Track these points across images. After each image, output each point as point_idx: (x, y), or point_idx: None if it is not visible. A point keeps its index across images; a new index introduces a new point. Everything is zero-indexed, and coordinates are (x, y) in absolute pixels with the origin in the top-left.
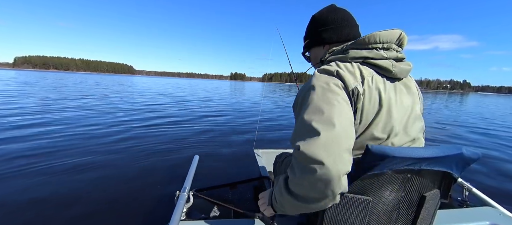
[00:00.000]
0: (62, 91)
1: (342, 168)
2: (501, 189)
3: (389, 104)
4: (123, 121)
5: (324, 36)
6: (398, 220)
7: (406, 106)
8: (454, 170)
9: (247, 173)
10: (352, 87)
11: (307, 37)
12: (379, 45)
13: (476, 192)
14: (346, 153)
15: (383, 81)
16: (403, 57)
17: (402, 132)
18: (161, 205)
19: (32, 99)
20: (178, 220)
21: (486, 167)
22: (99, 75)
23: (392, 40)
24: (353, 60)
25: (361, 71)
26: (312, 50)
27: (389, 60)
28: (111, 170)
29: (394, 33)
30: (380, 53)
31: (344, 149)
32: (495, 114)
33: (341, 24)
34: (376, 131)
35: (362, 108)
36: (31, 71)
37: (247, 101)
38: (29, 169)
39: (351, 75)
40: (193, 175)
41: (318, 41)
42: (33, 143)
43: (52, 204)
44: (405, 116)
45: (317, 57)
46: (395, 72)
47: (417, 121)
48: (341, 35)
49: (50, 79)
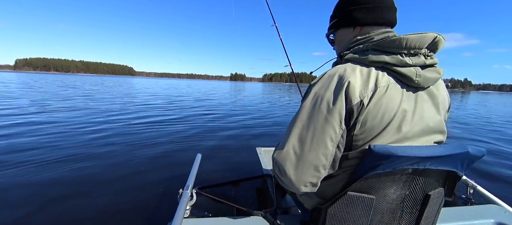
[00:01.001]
0: (67, 93)
1: (305, 180)
2: (507, 187)
3: (403, 117)
4: (125, 120)
5: (357, 16)
6: (402, 219)
7: (426, 118)
8: (459, 169)
9: (249, 171)
10: (357, 101)
11: (335, 15)
12: (405, 50)
13: (480, 190)
14: (311, 169)
15: (401, 92)
16: (434, 63)
17: (413, 143)
18: (165, 203)
19: (25, 100)
20: (181, 217)
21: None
22: (99, 76)
23: (422, 46)
24: (372, 64)
25: (376, 79)
26: (339, 32)
27: (413, 68)
28: (115, 170)
29: (427, 37)
30: (404, 59)
31: (311, 165)
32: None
33: (378, 4)
34: (391, 140)
35: (365, 122)
36: (32, 73)
37: (249, 100)
38: (30, 166)
39: (362, 86)
40: (196, 173)
41: (348, 21)
42: (34, 140)
43: (56, 203)
44: (420, 128)
45: (343, 41)
46: (419, 81)
47: (435, 134)
48: (377, 17)
49: (51, 81)
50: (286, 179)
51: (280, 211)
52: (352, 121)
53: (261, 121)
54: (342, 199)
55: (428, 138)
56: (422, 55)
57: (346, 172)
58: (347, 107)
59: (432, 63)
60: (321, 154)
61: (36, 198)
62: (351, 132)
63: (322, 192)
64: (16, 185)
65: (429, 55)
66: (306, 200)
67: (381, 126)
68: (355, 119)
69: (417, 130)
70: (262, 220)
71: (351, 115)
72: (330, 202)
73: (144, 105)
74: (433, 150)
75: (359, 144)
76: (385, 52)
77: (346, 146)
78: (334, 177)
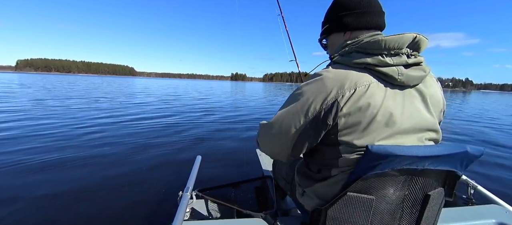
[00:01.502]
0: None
1: (267, 152)
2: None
3: (389, 114)
4: (126, 120)
5: (346, 22)
6: (402, 219)
7: (415, 115)
8: (459, 168)
9: (249, 173)
10: (331, 100)
11: (326, 21)
12: (385, 51)
13: (481, 190)
14: (276, 141)
15: (384, 90)
16: (419, 62)
17: (405, 140)
18: (164, 206)
19: (22, 99)
20: (181, 220)
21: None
22: (100, 77)
23: (402, 46)
24: (355, 65)
25: (356, 79)
26: (330, 37)
27: (395, 67)
28: (114, 172)
29: (405, 38)
30: (385, 60)
31: (276, 139)
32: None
33: (367, 9)
34: (377, 139)
35: (346, 118)
36: (34, 74)
37: (249, 101)
38: (29, 166)
39: (338, 86)
40: (195, 175)
41: (339, 26)
42: (34, 139)
43: (55, 203)
44: (410, 125)
45: (334, 45)
46: (402, 80)
47: (428, 131)
48: (366, 22)
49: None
50: (260, 142)
51: (280, 213)
52: (330, 118)
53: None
54: (342, 199)
55: (420, 135)
56: (404, 54)
57: (345, 172)
58: (321, 105)
59: (416, 62)
60: (285, 134)
61: (34, 199)
62: (334, 128)
63: (322, 193)
64: (16, 182)
65: (412, 54)
66: (306, 201)
67: (365, 122)
68: (333, 116)
69: (408, 126)
70: (262, 222)
71: (327, 113)
72: (330, 203)
73: (144, 105)
74: (432, 150)
75: (345, 139)
76: (367, 53)
77: (332, 140)
78: (333, 178)
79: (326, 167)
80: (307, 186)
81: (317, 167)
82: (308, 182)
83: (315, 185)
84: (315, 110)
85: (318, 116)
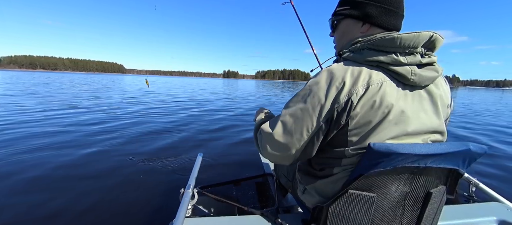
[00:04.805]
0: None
1: (271, 159)
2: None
3: (400, 113)
4: (126, 120)
5: (370, 12)
6: (403, 216)
7: (424, 116)
8: (461, 166)
9: (250, 170)
10: (345, 99)
11: (346, 2)
12: (400, 49)
13: (483, 187)
14: (282, 147)
15: (397, 90)
16: (432, 62)
17: (410, 141)
18: (166, 203)
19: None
20: (183, 217)
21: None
22: (88, 74)
23: (417, 45)
24: (367, 63)
25: (369, 77)
26: (344, 22)
27: (409, 67)
28: (116, 170)
29: (421, 36)
30: (399, 58)
31: (282, 145)
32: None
33: (395, 9)
34: (385, 138)
35: (358, 118)
36: (18, 71)
37: (248, 98)
38: (28, 165)
39: (351, 84)
40: (197, 173)
41: (360, 14)
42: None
43: (57, 203)
44: (418, 126)
45: (345, 34)
46: (414, 80)
47: (434, 133)
48: (388, 22)
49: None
50: (260, 151)
51: (282, 210)
52: (343, 117)
53: None
54: (343, 197)
55: (425, 136)
56: (418, 54)
57: (347, 170)
58: (334, 104)
59: (430, 62)
60: (295, 139)
61: (36, 197)
62: (345, 128)
63: (323, 190)
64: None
65: (426, 54)
66: (308, 198)
67: (375, 121)
68: (346, 115)
69: (416, 127)
70: (263, 219)
71: (341, 112)
72: (332, 200)
73: (143, 105)
74: (434, 148)
75: (354, 139)
76: (380, 51)
77: (341, 142)
78: (335, 175)
79: (329, 166)
80: (309, 183)
81: (320, 166)
82: (309, 180)
83: (316, 183)
84: (328, 110)
85: (331, 116)
